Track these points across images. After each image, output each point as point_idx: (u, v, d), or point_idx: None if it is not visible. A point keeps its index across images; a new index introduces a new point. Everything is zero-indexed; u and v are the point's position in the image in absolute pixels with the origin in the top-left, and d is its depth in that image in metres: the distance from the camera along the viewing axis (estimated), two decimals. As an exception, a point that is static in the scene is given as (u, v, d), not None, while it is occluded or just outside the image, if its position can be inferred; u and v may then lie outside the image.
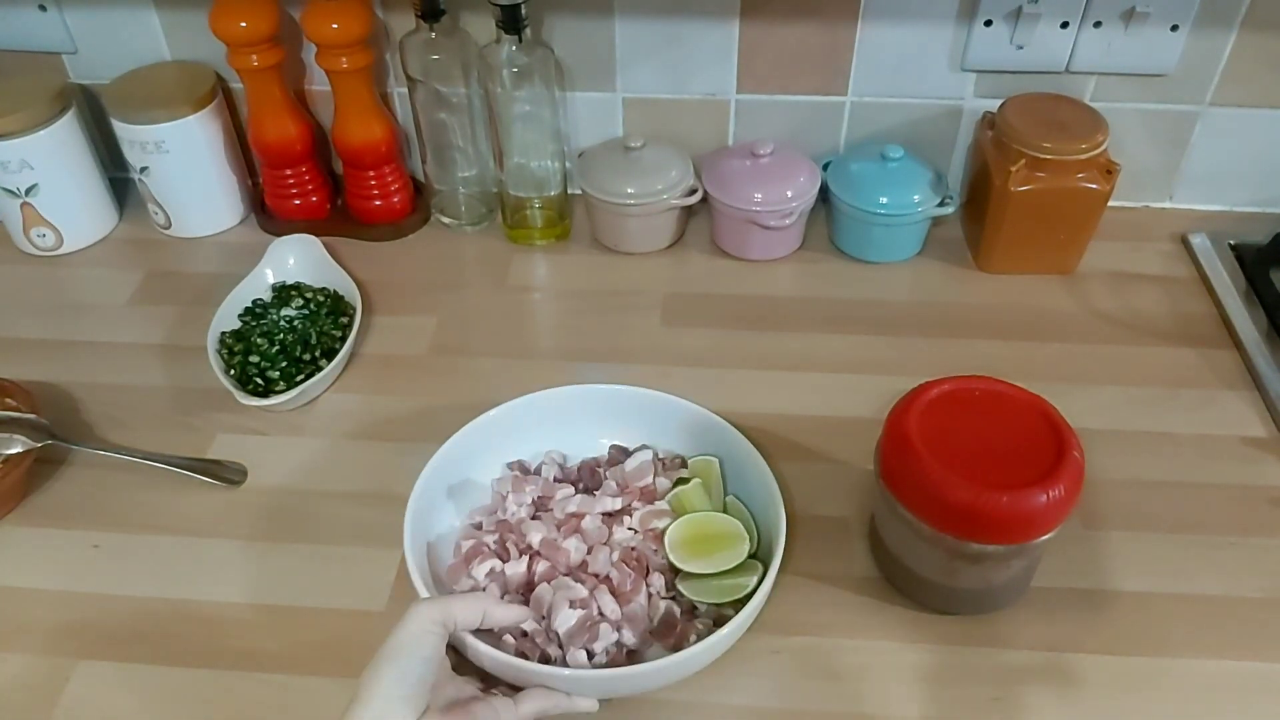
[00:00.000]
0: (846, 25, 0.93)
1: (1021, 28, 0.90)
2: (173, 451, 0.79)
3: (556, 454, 0.75)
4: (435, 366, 0.88)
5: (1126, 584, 0.69)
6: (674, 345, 0.89)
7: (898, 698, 0.63)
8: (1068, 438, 0.61)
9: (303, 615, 0.68)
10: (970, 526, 0.60)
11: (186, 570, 0.72)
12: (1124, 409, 0.82)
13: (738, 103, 0.99)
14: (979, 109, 0.97)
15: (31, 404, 0.79)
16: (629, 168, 0.96)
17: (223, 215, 1.04)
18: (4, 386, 0.80)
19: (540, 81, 0.91)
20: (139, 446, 0.80)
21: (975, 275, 0.96)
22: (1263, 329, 0.87)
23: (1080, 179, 0.87)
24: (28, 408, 0.78)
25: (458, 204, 1.02)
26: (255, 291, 0.91)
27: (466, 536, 0.69)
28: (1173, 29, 0.90)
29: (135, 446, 0.80)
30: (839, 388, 0.84)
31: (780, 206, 0.93)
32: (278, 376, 0.83)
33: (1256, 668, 0.64)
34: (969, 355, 0.87)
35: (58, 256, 1.01)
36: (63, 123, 0.96)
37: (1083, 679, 0.64)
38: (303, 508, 0.76)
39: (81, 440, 0.79)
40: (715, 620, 0.65)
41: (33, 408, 0.78)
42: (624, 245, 0.99)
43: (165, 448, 0.80)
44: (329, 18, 0.89)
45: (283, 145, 0.98)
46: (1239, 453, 0.78)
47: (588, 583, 0.65)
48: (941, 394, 0.64)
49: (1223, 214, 1.02)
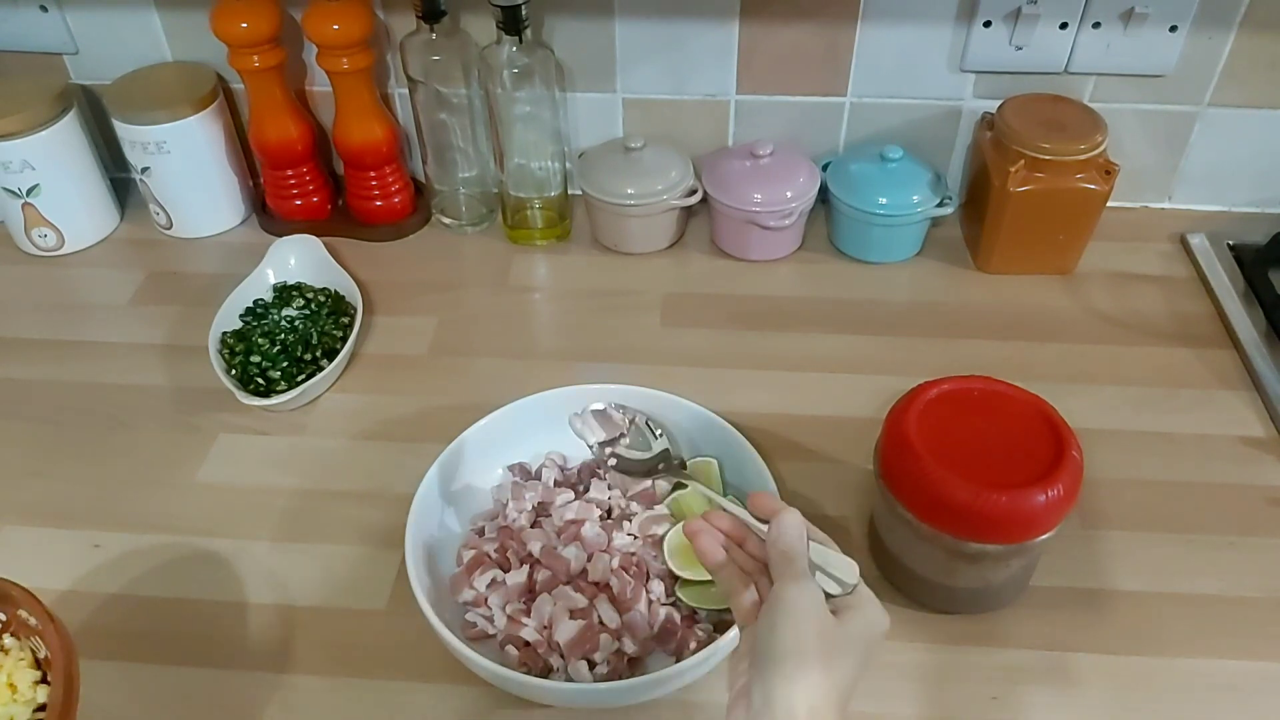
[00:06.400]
0: (846, 26, 0.93)
1: (1020, 29, 0.90)
2: (174, 451, 0.80)
3: (556, 455, 0.76)
4: (436, 366, 0.88)
5: (1125, 583, 0.69)
6: (674, 345, 0.89)
7: (897, 697, 0.63)
8: (1067, 437, 0.61)
9: (303, 615, 0.69)
10: (969, 526, 0.60)
11: (187, 570, 0.72)
12: (1123, 409, 0.82)
13: (738, 103, 0.99)
14: (978, 109, 0.97)
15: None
16: (629, 168, 0.96)
17: (224, 215, 1.04)
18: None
19: (540, 82, 0.91)
20: (140, 446, 0.80)
21: (974, 275, 0.96)
22: (1261, 329, 0.87)
23: (1079, 179, 0.88)
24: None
25: (458, 204, 1.02)
26: (256, 292, 0.92)
27: (468, 545, 0.69)
28: (1171, 30, 0.90)
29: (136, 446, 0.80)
30: (839, 388, 0.84)
31: (780, 207, 0.93)
32: (279, 376, 0.83)
33: (1255, 667, 0.65)
34: (968, 355, 0.87)
35: (59, 257, 1.01)
36: (64, 123, 0.96)
37: (1081, 678, 0.64)
38: (303, 507, 0.76)
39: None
40: (715, 625, 0.65)
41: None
42: (624, 245, 0.99)
43: (167, 448, 0.80)
44: (330, 19, 0.89)
45: (284, 146, 0.98)
46: (1238, 453, 0.78)
47: (587, 592, 0.65)
48: (941, 394, 0.64)
49: (1221, 214, 1.02)
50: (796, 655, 0.46)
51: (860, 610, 0.50)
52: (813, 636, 0.47)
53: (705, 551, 0.54)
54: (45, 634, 0.55)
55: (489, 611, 0.65)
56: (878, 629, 0.50)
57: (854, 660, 0.48)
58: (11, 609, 0.57)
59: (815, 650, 0.46)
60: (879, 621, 0.50)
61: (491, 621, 0.65)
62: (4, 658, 0.57)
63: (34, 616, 0.56)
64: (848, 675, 0.47)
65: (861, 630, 0.49)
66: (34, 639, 0.57)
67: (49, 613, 0.56)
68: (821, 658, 0.46)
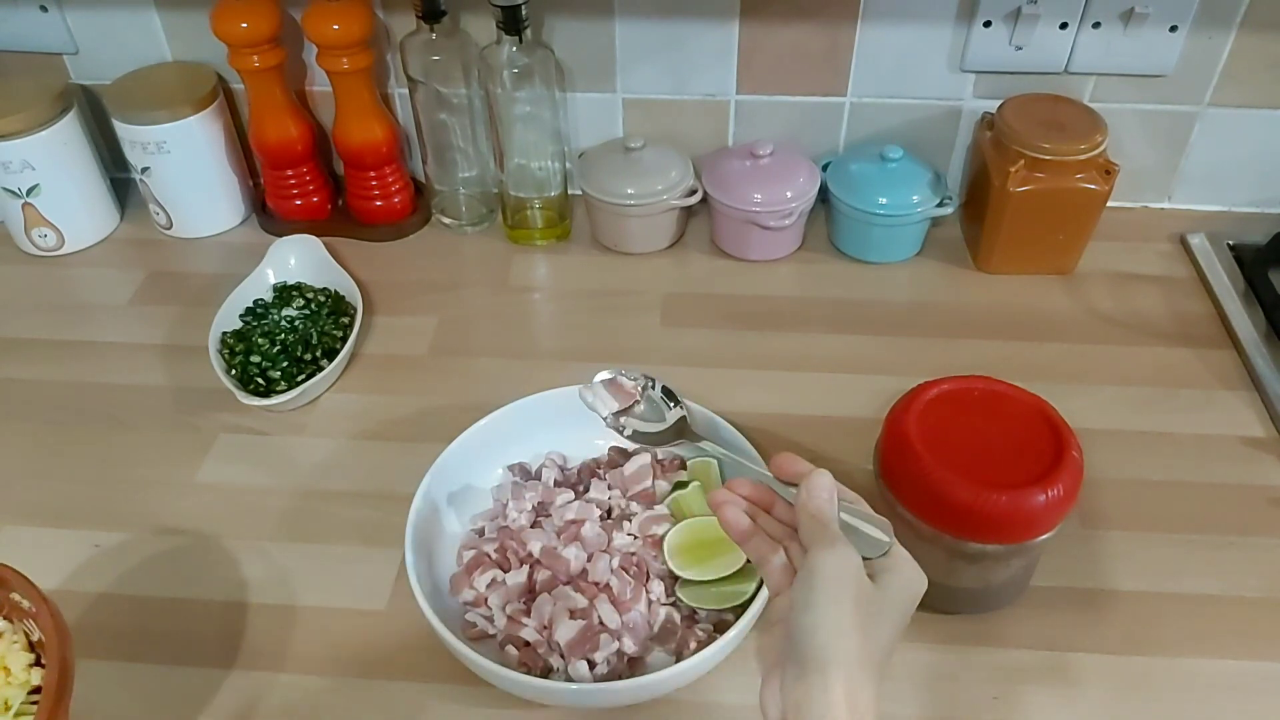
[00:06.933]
0: (846, 26, 0.93)
1: (1020, 29, 0.90)
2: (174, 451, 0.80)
3: (556, 455, 0.76)
4: (436, 366, 0.88)
5: (1125, 583, 0.69)
6: (674, 345, 0.89)
7: (897, 696, 0.63)
8: (1067, 437, 0.61)
9: (303, 615, 0.69)
10: (969, 526, 0.60)
11: (187, 570, 0.72)
12: (1123, 409, 0.82)
13: (737, 103, 0.99)
14: (978, 109, 0.97)
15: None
16: (629, 168, 0.96)
17: (224, 215, 1.04)
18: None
19: (540, 82, 0.91)
20: (140, 446, 0.80)
21: (974, 275, 0.96)
22: (1261, 329, 0.87)
23: (1079, 179, 0.88)
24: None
25: (458, 204, 1.02)
26: (256, 291, 0.92)
27: (468, 545, 0.70)
28: (1171, 30, 0.90)
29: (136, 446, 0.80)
30: (839, 388, 0.84)
31: (780, 207, 0.93)
32: (279, 376, 0.83)
33: (1255, 667, 0.65)
34: (968, 355, 0.87)
35: (59, 257, 1.01)
36: (64, 123, 0.96)
37: (1081, 678, 0.64)
38: (303, 507, 0.76)
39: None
40: (715, 625, 0.65)
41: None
42: (624, 245, 0.99)
43: (167, 448, 0.80)
44: (330, 19, 0.89)
45: (284, 146, 0.98)
46: (1237, 453, 0.78)
47: (587, 592, 0.65)
48: (941, 394, 0.64)
49: (1221, 214, 1.02)
50: (833, 627, 0.45)
51: (897, 572, 0.48)
52: (850, 606, 0.45)
53: (731, 523, 0.52)
54: (39, 617, 0.55)
55: (489, 611, 0.66)
56: (915, 589, 0.48)
57: (892, 624, 0.47)
58: (4, 592, 0.57)
59: (852, 621, 0.45)
60: (916, 581, 0.48)
61: (491, 621, 0.65)
62: None
63: (27, 599, 0.56)
64: (886, 640, 0.46)
65: (899, 593, 0.48)
66: (27, 622, 0.56)
67: (43, 596, 0.55)
68: (859, 628, 0.45)
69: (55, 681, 0.52)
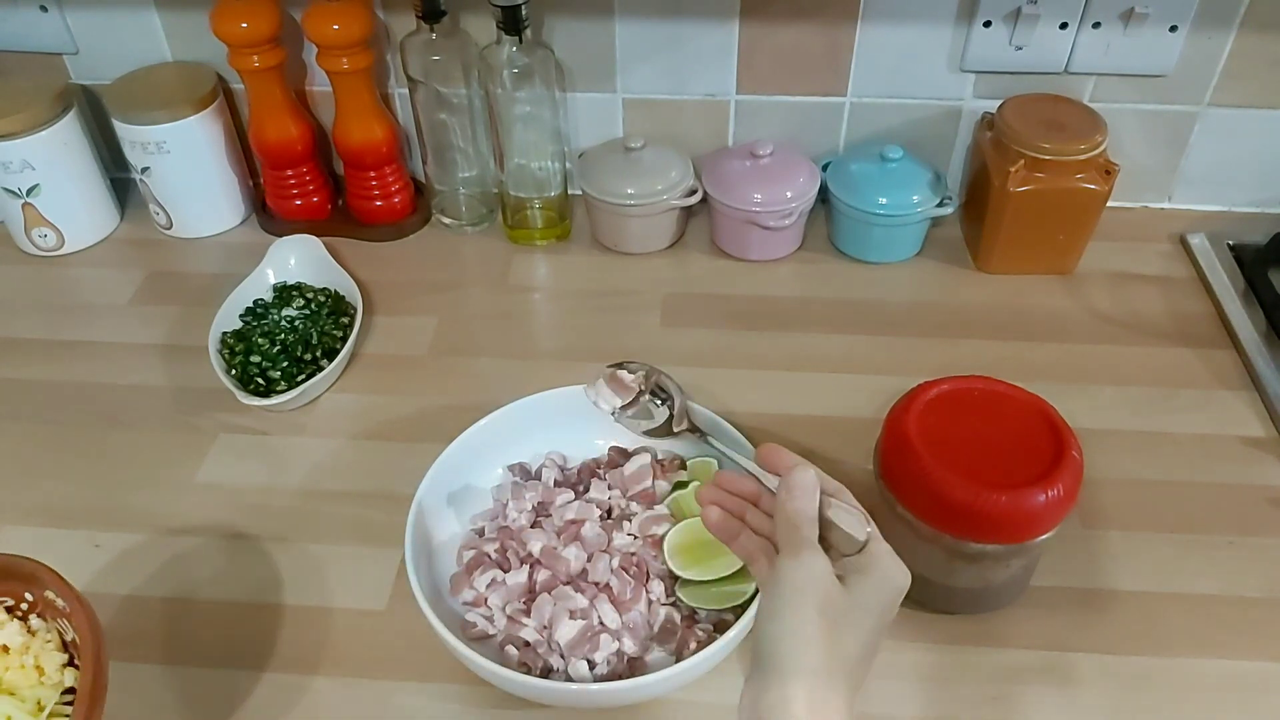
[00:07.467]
0: (846, 26, 0.93)
1: (1020, 29, 0.90)
2: (174, 451, 0.80)
3: (557, 455, 0.76)
4: (435, 366, 0.88)
5: (1125, 583, 0.69)
6: (674, 345, 0.89)
7: (897, 696, 0.63)
8: (1066, 437, 0.61)
9: (303, 615, 0.69)
10: (969, 526, 0.60)
11: (186, 570, 0.72)
12: (1123, 409, 0.82)
13: (737, 103, 0.99)
14: (978, 109, 0.97)
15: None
16: (629, 168, 0.96)
17: (224, 215, 1.04)
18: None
19: (540, 82, 0.91)
20: (140, 446, 0.80)
21: (974, 275, 0.96)
22: (1261, 329, 0.87)
23: (1079, 179, 0.88)
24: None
25: (458, 204, 1.02)
26: (256, 291, 0.92)
27: (468, 545, 0.69)
28: (1171, 30, 0.90)
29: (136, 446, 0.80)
30: (839, 388, 0.84)
31: (780, 207, 0.93)
32: (279, 376, 0.83)
33: (1255, 667, 0.65)
34: (968, 355, 0.87)
35: (59, 257, 1.01)
36: (64, 123, 0.96)
37: (1081, 678, 0.64)
38: (303, 507, 0.76)
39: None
40: (715, 625, 0.65)
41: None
42: (624, 245, 0.99)
43: (167, 448, 0.80)
44: (330, 19, 0.89)
45: (284, 146, 0.98)
46: (1237, 453, 0.78)
47: (588, 592, 0.65)
48: (941, 394, 0.64)
49: (1221, 214, 1.02)
50: (796, 637, 0.44)
51: (871, 573, 0.47)
52: (813, 614, 0.44)
53: (713, 523, 0.52)
54: (74, 616, 0.54)
55: (489, 611, 0.66)
56: (895, 585, 0.47)
57: (865, 629, 0.45)
58: (38, 590, 0.55)
59: (816, 629, 0.44)
60: (897, 577, 0.47)
61: (491, 621, 0.65)
62: (31, 639, 0.55)
63: (61, 598, 0.54)
64: (860, 644, 0.45)
65: (872, 595, 0.46)
66: (61, 621, 0.55)
67: (78, 594, 0.54)
68: (825, 635, 0.44)
69: (90, 684, 0.51)
